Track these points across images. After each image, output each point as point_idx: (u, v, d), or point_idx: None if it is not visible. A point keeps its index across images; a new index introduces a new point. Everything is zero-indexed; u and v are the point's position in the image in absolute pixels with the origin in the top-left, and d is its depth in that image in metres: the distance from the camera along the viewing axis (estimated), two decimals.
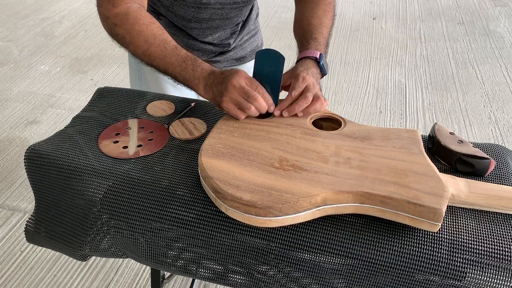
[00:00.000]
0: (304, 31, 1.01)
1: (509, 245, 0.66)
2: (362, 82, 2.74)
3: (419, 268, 0.65)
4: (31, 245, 1.69)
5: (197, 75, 0.85)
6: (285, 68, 0.85)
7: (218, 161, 0.73)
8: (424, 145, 0.82)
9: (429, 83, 2.72)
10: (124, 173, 0.78)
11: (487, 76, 2.78)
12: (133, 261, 1.64)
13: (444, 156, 0.82)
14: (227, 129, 0.81)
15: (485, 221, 0.71)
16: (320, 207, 0.67)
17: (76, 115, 0.95)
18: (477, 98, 2.58)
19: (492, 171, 0.80)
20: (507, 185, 0.78)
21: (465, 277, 0.64)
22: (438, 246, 0.66)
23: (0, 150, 2.18)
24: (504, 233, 0.68)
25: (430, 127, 2.34)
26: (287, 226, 0.69)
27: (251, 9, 1.21)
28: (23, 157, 0.85)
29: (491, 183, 0.76)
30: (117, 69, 2.86)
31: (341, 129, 0.82)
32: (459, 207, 0.73)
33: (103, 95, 1.01)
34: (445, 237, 0.67)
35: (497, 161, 0.83)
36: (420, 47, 3.13)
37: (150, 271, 1.27)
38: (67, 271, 1.60)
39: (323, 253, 0.67)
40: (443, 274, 0.64)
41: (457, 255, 0.65)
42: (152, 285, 1.14)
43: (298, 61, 0.95)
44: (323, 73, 0.94)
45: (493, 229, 0.69)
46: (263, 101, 0.81)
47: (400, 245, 0.66)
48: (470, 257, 0.65)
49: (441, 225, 0.69)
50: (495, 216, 0.72)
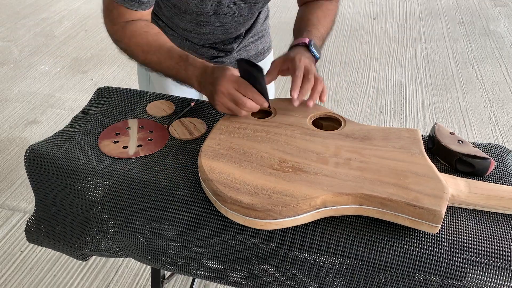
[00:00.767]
0: (300, 27, 1.03)
1: (509, 245, 0.66)
2: (362, 82, 2.74)
3: (419, 268, 0.65)
4: (31, 245, 1.69)
5: (190, 74, 0.87)
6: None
7: (217, 163, 0.73)
8: (424, 145, 0.82)
9: (429, 83, 2.72)
10: (124, 173, 0.78)
11: (487, 76, 2.78)
12: (133, 261, 1.64)
13: (444, 156, 0.82)
14: (226, 129, 0.81)
15: (485, 221, 0.71)
16: (319, 209, 0.67)
17: (76, 115, 0.95)
18: (477, 98, 2.58)
19: (492, 171, 0.80)
20: (507, 185, 0.78)
21: (465, 277, 0.64)
22: (438, 246, 0.66)
23: (0, 150, 2.18)
24: (504, 233, 0.68)
25: (430, 127, 2.34)
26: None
27: (259, 13, 1.18)
28: (23, 157, 0.85)
29: (491, 183, 0.76)
30: (117, 69, 2.86)
31: (341, 129, 0.82)
32: (459, 207, 0.73)
33: (103, 95, 1.01)
34: (445, 237, 0.67)
35: (497, 161, 0.83)
36: (420, 47, 3.13)
37: (150, 271, 1.27)
38: (67, 271, 1.60)
39: (323, 253, 0.67)
40: (443, 274, 0.64)
41: (457, 255, 0.65)
42: (152, 285, 1.14)
43: (289, 50, 0.96)
44: (315, 58, 0.94)
45: (493, 229, 0.69)
46: (252, 103, 0.81)
47: (400, 245, 0.66)
48: (470, 257, 0.65)
49: (441, 225, 0.69)
50: (495, 216, 0.72)
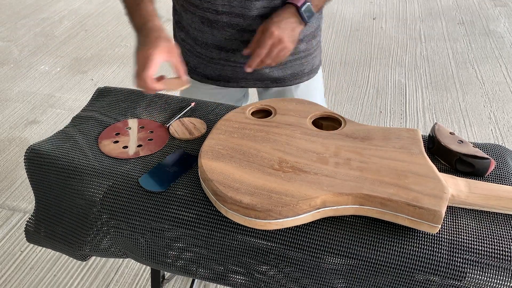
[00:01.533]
0: None
1: (509, 245, 0.66)
2: (362, 82, 2.74)
3: (419, 268, 0.65)
4: (31, 245, 1.69)
5: (137, 22, 0.88)
6: None
7: (217, 163, 0.73)
8: (424, 145, 0.82)
9: (429, 83, 2.72)
10: (124, 173, 0.78)
11: (487, 76, 2.78)
12: (133, 261, 1.64)
13: (444, 156, 0.82)
14: (226, 129, 0.81)
15: (485, 221, 0.71)
16: (319, 209, 0.67)
17: (76, 115, 0.95)
18: (477, 98, 2.58)
19: (492, 171, 0.80)
20: (507, 185, 0.78)
21: (465, 277, 0.64)
22: (438, 246, 0.66)
23: (0, 150, 2.18)
24: (504, 233, 0.68)
25: (430, 127, 2.34)
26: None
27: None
28: (23, 157, 0.85)
29: (491, 183, 0.76)
30: (117, 69, 2.86)
31: (341, 129, 0.82)
32: (459, 207, 0.73)
33: (103, 95, 1.01)
34: (445, 237, 0.67)
35: (497, 161, 0.83)
36: (420, 47, 3.13)
37: (150, 271, 1.27)
38: (67, 271, 1.60)
39: (323, 253, 0.67)
40: (443, 274, 0.64)
41: (457, 255, 0.65)
42: (152, 285, 1.14)
43: (279, 9, 0.94)
44: (304, 21, 0.93)
45: (493, 229, 0.69)
46: (148, 86, 0.81)
47: (400, 245, 0.66)
48: (470, 257, 0.65)
49: (441, 225, 0.69)
50: (495, 216, 0.72)
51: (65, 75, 2.81)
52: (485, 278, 0.64)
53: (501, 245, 0.66)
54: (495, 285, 0.64)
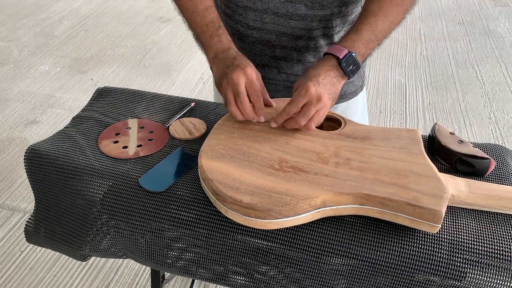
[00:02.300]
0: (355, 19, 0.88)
1: (509, 245, 0.66)
2: None
3: (419, 268, 0.65)
4: (31, 245, 1.69)
5: (212, 43, 0.85)
6: None
7: (217, 163, 0.73)
8: (424, 145, 0.82)
9: (429, 83, 2.72)
10: (124, 173, 0.78)
11: (487, 76, 2.78)
12: (133, 261, 1.63)
13: (444, 156, 0.82)
14: (227, 129, 0.81)
15: (485, 221, 0.71)
16: (320, 209, 0.67)
17: (76, 115, 0.95)
18: (477, 98, 2.58)
19: (492, 171, 0.80)
20: (507, 185, 0.77)
21: (465, 277, 0.64)
22: (438, 246, 0.66)
23: (0, 150, 2.18)
24: (504, 233, 0.68)
25: (430, 127, 2.34)
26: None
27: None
28: (23, 157, 0.85)
29: (491, 183, 0.76)
30: (117, 69, 2.86)
31: (341, 129, 0.82)
32: (459, 207, 0.73)
33: (103, 95, 1.01)
34: (445, 237, 0.67)
35: (497, 161, 0.82)
36: (420, 47, 3.13)
37: (150, 271, 1.27)
38: (67, 271, 1.60)
39: (323, 253, 0.67)
40: (443, 274, 0.64)
41: (457, 255, 0.65)
42: (152, 285, 1.14)
43: (317, 60, 0.87)
44: (347, 76, 0.81)
45: (493, 229, 0.69)
46: (249, 108, 0.77)
47: (400, 245, 0.66)
48: (470, 257, 0.65)
49: (441, 225, 0.69)
50: (495, 216, 0.72)
51: (65, 75, 2.81)
52: (485, 278, 0.64)
53: (501, 245, 0.66)
54: (495, 285, 0.64)
